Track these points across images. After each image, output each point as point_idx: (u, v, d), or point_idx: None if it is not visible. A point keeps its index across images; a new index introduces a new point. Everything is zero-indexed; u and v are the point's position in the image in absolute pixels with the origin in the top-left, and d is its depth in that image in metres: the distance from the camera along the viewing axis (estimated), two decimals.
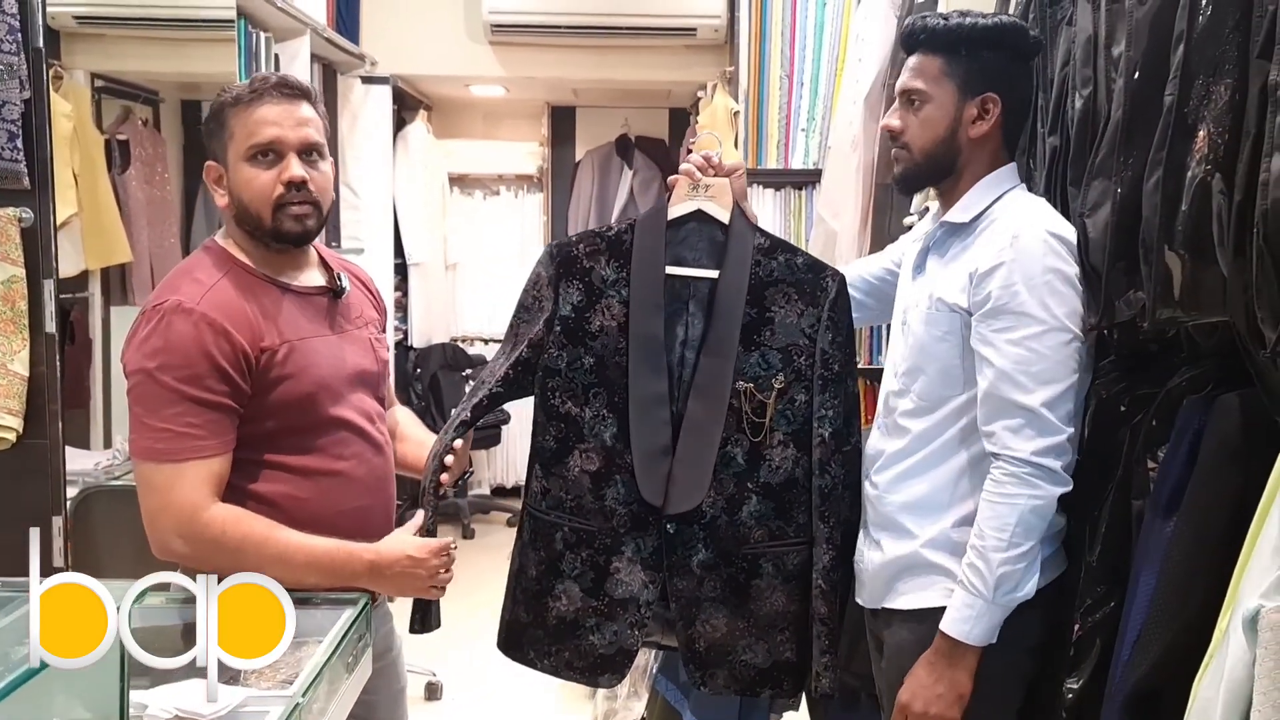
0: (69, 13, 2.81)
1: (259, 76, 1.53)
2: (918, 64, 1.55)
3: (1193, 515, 1.21)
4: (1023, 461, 1.41)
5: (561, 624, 1.63)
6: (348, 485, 1.56)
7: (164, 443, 1.42)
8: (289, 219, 1.51)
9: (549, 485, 1.63)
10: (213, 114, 1.53)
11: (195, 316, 1.43)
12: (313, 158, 1.53)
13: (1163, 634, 1.21)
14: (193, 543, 1.42)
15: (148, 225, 3.05)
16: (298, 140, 1.50)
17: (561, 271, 1.61)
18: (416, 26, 4.32)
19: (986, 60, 1.51)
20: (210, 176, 1.55)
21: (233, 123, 1.50)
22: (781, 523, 1.59)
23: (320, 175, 1.54)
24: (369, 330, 1.67)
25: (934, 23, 1.54)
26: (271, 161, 1.49)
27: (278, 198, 1.49)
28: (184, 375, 1.42)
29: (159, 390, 1.42)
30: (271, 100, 1.49)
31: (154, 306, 1.45)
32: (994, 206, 1.52)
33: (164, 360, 1.42)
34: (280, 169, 1.49)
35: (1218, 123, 1.12)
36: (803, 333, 1.57)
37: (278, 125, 1.49)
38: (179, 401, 1.42)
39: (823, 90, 3.28)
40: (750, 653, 1.61)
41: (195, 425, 1.42)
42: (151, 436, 1.43)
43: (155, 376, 1.42)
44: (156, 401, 1.42)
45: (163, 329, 1.43)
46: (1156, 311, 1.24)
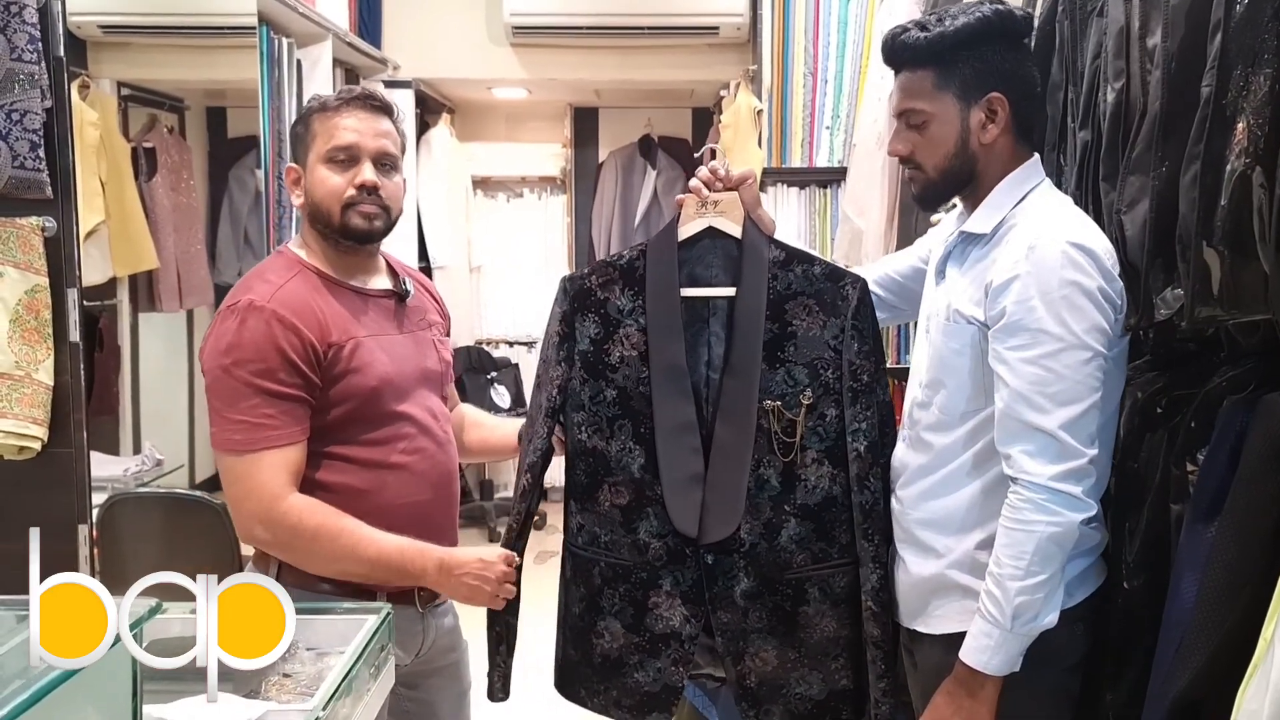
0: (95, 22, 2.83)
1: (347, 88, 1.63)
2: (909, 82, 1.48)
3: (1235, 520, 1.17)
4: (1040, 487, 1.33)
5: (606, 662, 1.60)
6: (410, 479, 1.60)
7: (241, 433, 1.49)
8: (357, 215, 1.58)
9: (584, 521, 1.60)
10: (300, 119, 1.63)
11: (266, 314, 1.49)
12: (387, 167, 1.61)
13: (1205, 643, 1.17)
14: (272, 529, 1.49)
15: (174, 232, 3.07)
16: (374, 149, 1.59)
17: (576, 306, 1.58)
18: (438, 30, 4.32)
19: (980, 59, 1.43)
20: (289, 178, 1.64)
21: (316, 126, 1.59)
22: (824, 544, 1.53)
23: (392, 184, 1.62)
24: (433, 332, 1.73)
25: (914, 37, 1.45)
26: (347, 165, 1.58)
27: (349, 198, 1.57)
28: (257, 369, 1.48)
29: (234, 384, 1.49)
30: (355, 110, 1.59)
31: (228, 307, 1.52)
32: (1015, 211, 1.44)
33: (238, 356, 1.49)
34: (354, 173, 1.57)
35: (1257, 114, 1.09)
36: (827, 345, 1.52)
37: (357, 132, 1.58)
38: (254, 394, 1.48)
39: (847, 87, 3.24)
40: (804, 684, 1.56)
41: (270, 416, 1.49)
42: (230, 428, 1.49)
43: (231, 372, 1.49)
44: (233, 395, 1.49)
45: (236, 326, 1.50)
46: (1195, 310, 1.21)
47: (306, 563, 1.51)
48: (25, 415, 1.91)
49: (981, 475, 1.44)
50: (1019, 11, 1.50)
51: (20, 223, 1.91)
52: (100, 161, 2.73)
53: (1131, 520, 1.42)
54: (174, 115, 3.20)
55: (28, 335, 1.91)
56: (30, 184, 1.90)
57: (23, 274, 1.91)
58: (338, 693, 1.21)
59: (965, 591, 1.45)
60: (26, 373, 1.91)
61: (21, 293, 1.91)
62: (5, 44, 1.85)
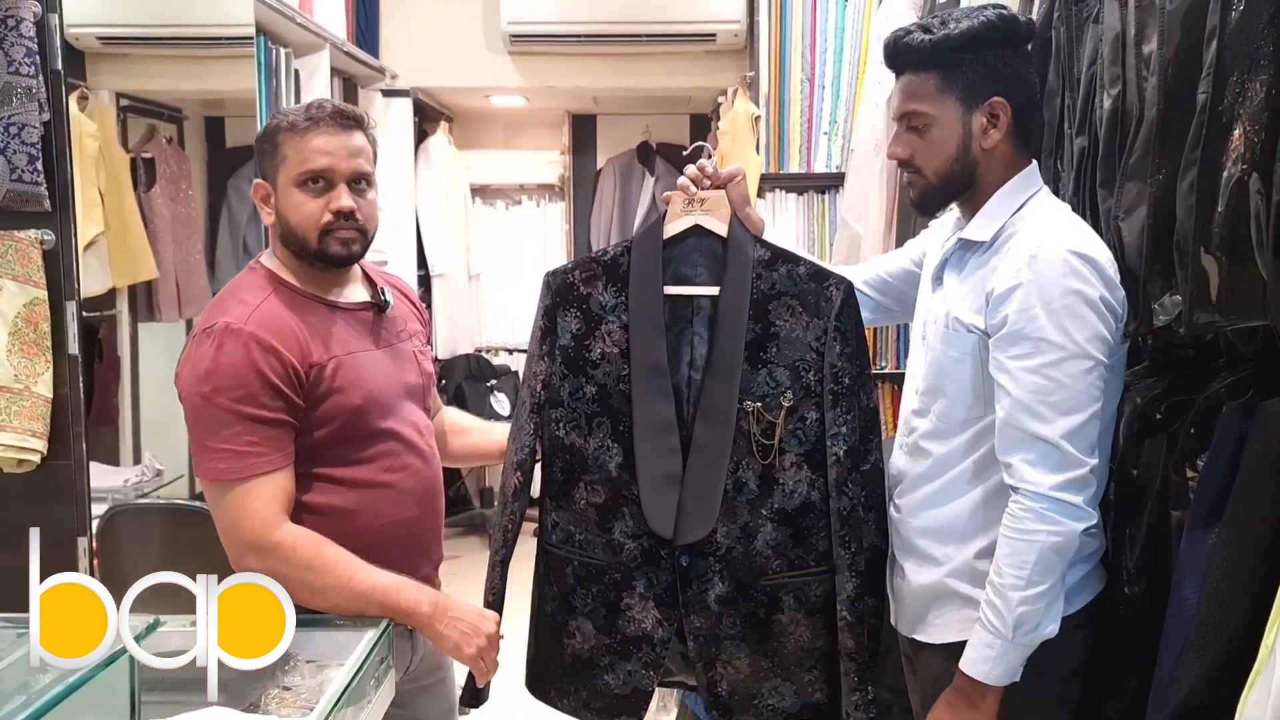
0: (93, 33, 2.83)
1: (316, 104, 1.55)
2: (910, 85, 1.47)
3: (1236, 526, 1.17)
4: (1042, 496, 1.33)
5: (577, 663, 1.59)
6: (396, 497, 1.57)
7: (227, 462, 1.44)
8: (335, 243, 1.53)
9: (558, 519, 1.59)
10: (267, 135, 1.56)
11: (244, 336, 1.44)
12: (361, 186, 1.56)
13: (1206, 650, 1.17)
14: (264, 559, 1.43)
15: (173, 242, 3.07)
16: (349, 170, 1.53)
17: (559, 300, 1.57)
18: (436, 38, 4.33)
19: (982, 63, 1.43)
20: (258, 195, 1.58)
21: (286, 147, 1.53)
22: (800, 551, 1.51)
23: (367, 203, 1.57)
24: (414, 343, 1.69)
25: (917, 39, 1.44)
26: (322, 189, 1.52)
27: (325, 224, 1.52)
28: (238, 395, 1.43)
29: (215, 412, 1.44)
30: (326, 129, 1.52)
31: (203, 330, 1.47)
32: (1014, 219, 1.44)
33: (217, 383, 1.43)
34: (330, 197, 1.52)
35: (1254, 120, 1.09)
36: (809, 346, 1.49)
37: (330, 155, 1.52)
38: (237, 421, 1.43)
39: (844, 93, 3.24)
40: (776, 695, 1.53)
41: (255, 443, 1.44)
42: (214, 458, 1.44)
43: (210, 399, 1.44)
44: (214, 424, 1.44)
45: (213, 351, 1.44)
46: (1194, 316, 1.20)
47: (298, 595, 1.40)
48: (24, 428, 1.91)
49: (981, 484, 1.44)
50: (1021, 17, 1.50)
51: (19, 236, 1.92)
52: (99, 172, 2.72)
53: (1132, 526, 1.42)
54: (173, 125, 3.20)
55: (26, 348, 1.91)
56: (28, 197, 1.90)
57: (21, 287, 1.91)
58: (338, 705, 1.20)
59: (965, 600, 1.44)
60: (26, 386, 1.91)
61: (20, 306, 1.91)
62: (2, 57, 1.85)
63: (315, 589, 1.44)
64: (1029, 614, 1.33)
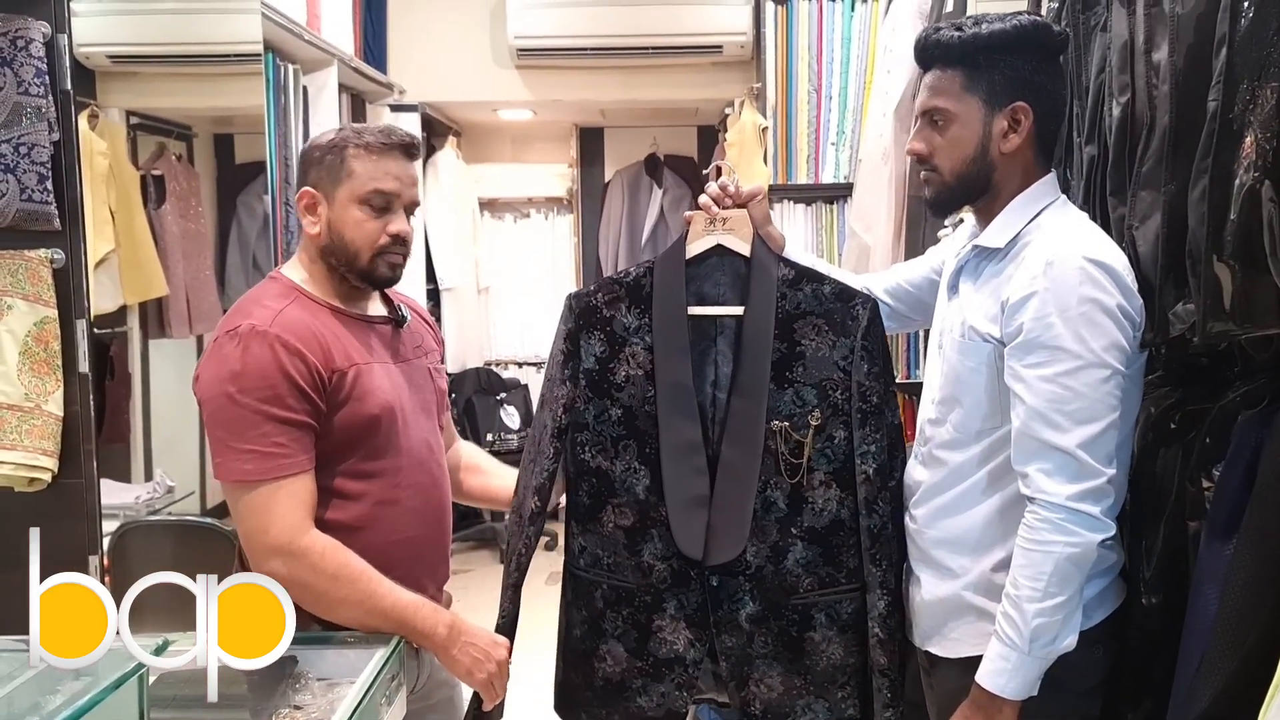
0: (103, 52, 2.85)
1: (388, 128, 1.59)
2: (936, 81, 1.46)
3: (1254, 537, 1.16)
4: (1059, 506, 1.31)
5: (609, 685, 1.58)
6: (404, 515, 1.56)
7: (253, 463, 1.43)
8: (385, 265, 1.57)
9: (585, 543, 1.59)
10: (332, 148, 1.56)
11: (270, 338, 1.45)
12: (412, 214, 1.62)
13: (1225, 664, 1.16)
14: (290, 564, 1.42)
15: (183, 258, 3.08)
16: (409, 199, 1.59)
17: (582, 323, 1.56)
18: (443, 53, 4.34)
19: (1010, 67, 1.42)
20: (303, 201, 1.58)
21: (355, 163, 1.55)
22: (831, 569, 1.51)
23: (411, 230, 1.62)
24: (429, 359, 1.71)
25: (948, 36, 1.44)
26: (382, 211, 1.56)
27: (381, 245, 1.56)
28: (265, 396, 1.43)
29: (241, 413, 1.43)
30: (398, 155, 1.57)
31: (227, 333, 1.47)
32: (1030, 226, 1.43)
33: (243, 383, 1.44)
34: (388, 220, 1.56)
35: (1265, 127, 1.08)
36: (836, 365, 1.49)
37: (399, 180, 1.57)
38: (264, 422, 1.43)
39: (852, 103, 3.24)
40: (810, 713, 1.53)
41: (281, 444, 1.44)
42: (239, 458, 1.44)
43: (236, 399, 1.43)
44: (240, 424, 1.44)
45: (239, 353, 1.45)
46: (1208, 325, 1.19)
47: (317, 604, 1.44)
48: (35, 447, 1.91)
49: (997, 493, 1.42)
50: (1056, 28, 1.49)
51: (29, 255, 1.93)
52: (109, 190, 2.74)
53: (1148, 537, 1.40)
54: (182, 143, 3.21)
55: (37, 367, 1.92)
56: (38, 216, 1.91)
57: (31, 306, 1.92)
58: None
59: (981, 614, 1.43)
60: (36, 404, 1.92)
61: (30, 325, 1.92)
62: (12, 77, 1.87)
63: (336, 599, 1.44)
64: (1045, 626, 1.31)
